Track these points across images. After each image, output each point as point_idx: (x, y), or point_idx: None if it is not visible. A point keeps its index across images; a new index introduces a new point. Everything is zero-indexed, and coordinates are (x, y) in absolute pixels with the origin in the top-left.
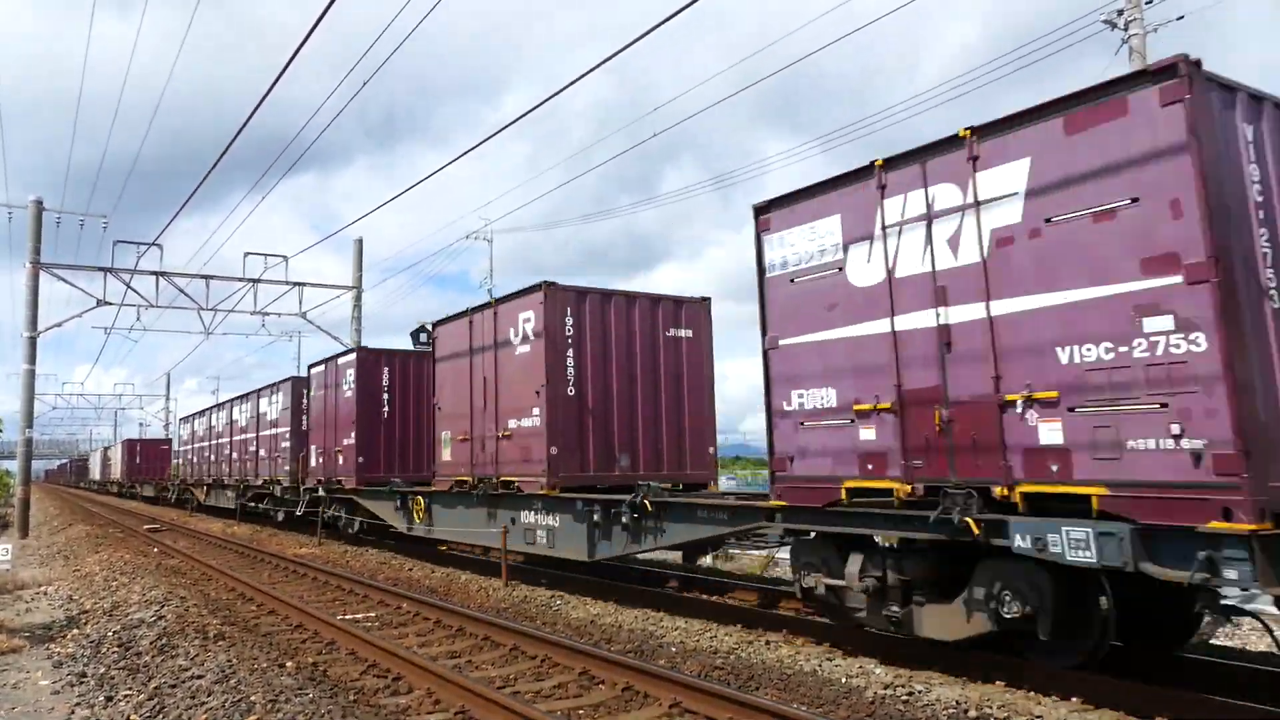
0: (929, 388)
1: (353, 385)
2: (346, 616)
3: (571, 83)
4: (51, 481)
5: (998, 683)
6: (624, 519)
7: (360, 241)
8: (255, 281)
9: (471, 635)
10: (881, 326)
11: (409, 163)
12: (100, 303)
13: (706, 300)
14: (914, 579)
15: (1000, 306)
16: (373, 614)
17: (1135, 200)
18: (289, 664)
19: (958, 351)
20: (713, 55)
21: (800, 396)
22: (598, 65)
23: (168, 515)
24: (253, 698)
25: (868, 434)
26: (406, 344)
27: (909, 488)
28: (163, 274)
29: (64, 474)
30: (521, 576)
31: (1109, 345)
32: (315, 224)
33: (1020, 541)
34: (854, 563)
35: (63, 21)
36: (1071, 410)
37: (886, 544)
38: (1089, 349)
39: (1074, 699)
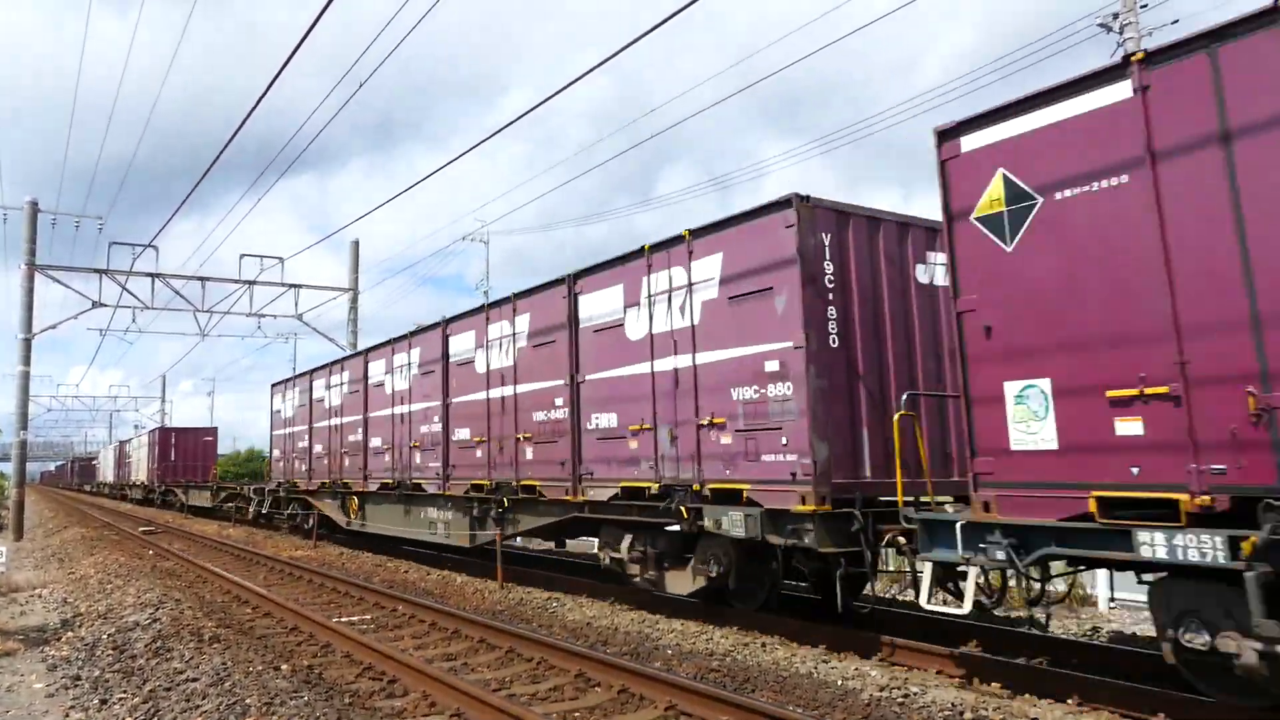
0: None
1: None
2: (342, 619)
3: (569, 84)
4: (49, 484)
5: (994, 684)
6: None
7: (357, 243)
8: (251, 283)
9: (468, 637)
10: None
11: (406, 164)
12: (96, 304)
13: None
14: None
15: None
16: (368, 616)
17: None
18: (284, 666)
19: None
20: (709, 57)
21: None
22: (595, 66)
23: (163, 518)
24: (248, 700)
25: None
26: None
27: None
28: (158, 275)
29: (64, 476)
30: (517, 579)
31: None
32: (312, 226)
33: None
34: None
35: (59, 21)
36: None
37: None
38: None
39: (1069, 700)
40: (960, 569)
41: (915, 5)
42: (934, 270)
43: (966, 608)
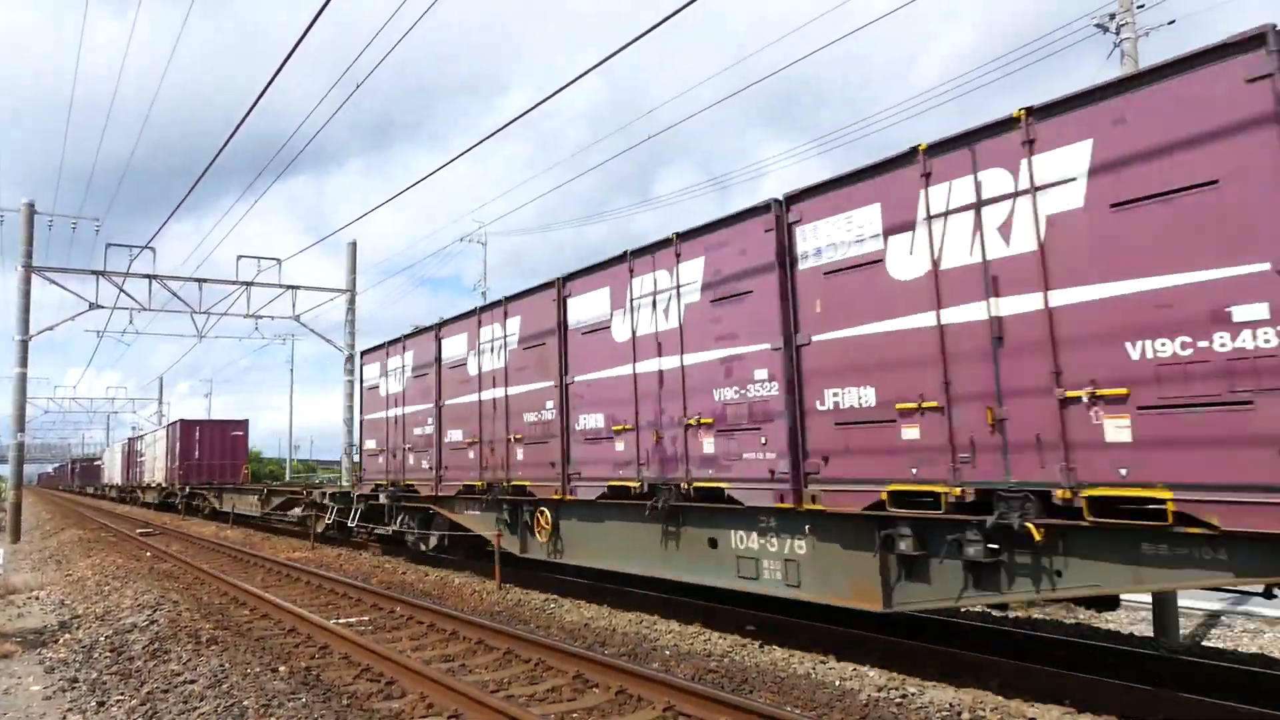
0: None
1: None
2: (340, 620)
3: (567, 84)
4: (47, 486)
5: (992, 685)
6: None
7: (354, 244)
8: (248, 285)
9: (466, 639)
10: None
11: (404, 166)
12: (93, 306)
13: None
14: None
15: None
16: (366, 618)
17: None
18: (282, 668)
19: None
20: (708, 58)
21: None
22: (594, 67)
23: (160, 519)
24: (245, 703)
25: None
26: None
27: None
28: (155, 277)
29: (64, 477)
30: (515, 581)
31: None
32: (310, 227)
33: None
34: None
35: (58, 22)
36: None
37: None
38: None
39: (1066, 701)
40: None
41: (915, 6)
42: None
43: None
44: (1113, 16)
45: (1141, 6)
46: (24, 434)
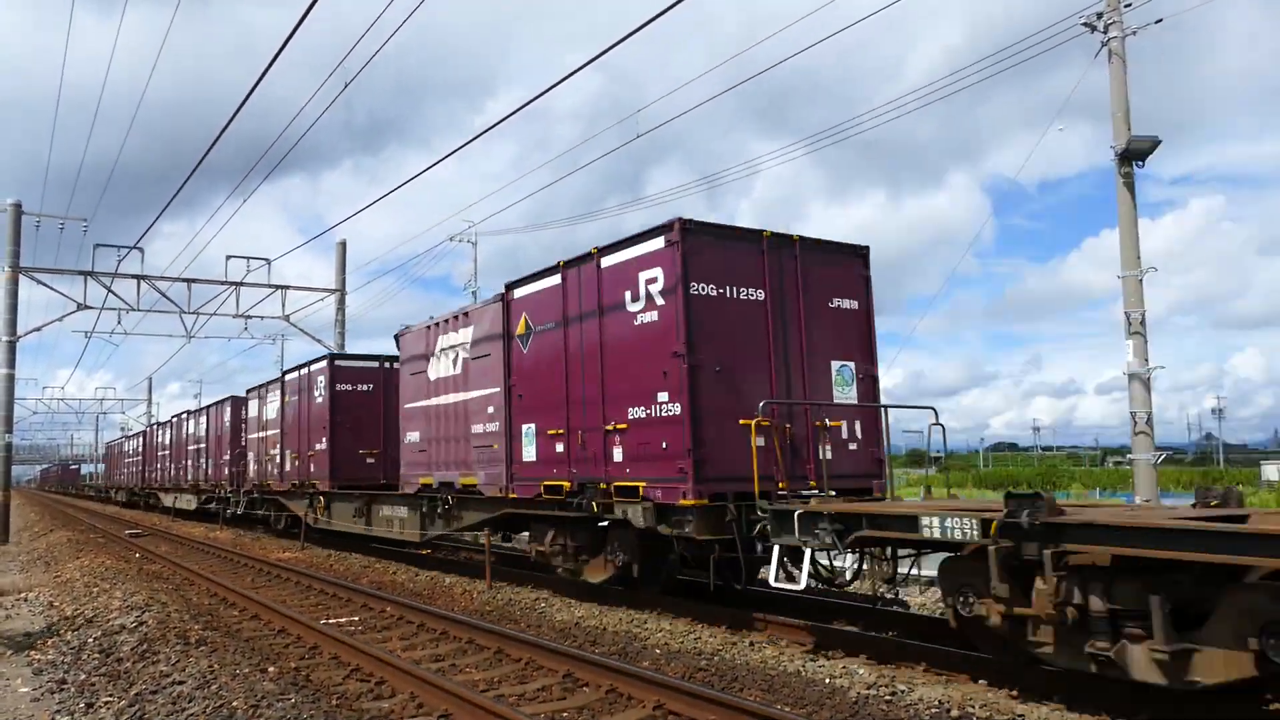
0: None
1: None
2: (329, 621)
3: (558, 82)
4: (49, 489)
5: (980, 682)
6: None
7: (344, 244)
8: (238, 285)
9: (456, 639)
10: None
11: (394, 166)
12: (81, 306)
13: None
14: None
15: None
16: (356, 618)
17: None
18: (271, 669)
19: None
20: (699, 57)
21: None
22: (584, 65)
23: (148, 520)
24: (234, 703)
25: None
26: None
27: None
28: (144, 277)
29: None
30: (505, 579)
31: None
32: (301, 227)
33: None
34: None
35: (41, 22)
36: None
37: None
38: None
39: (1055, 698)
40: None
41: (903, 5)
42: None
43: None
44: (1100, 15)
45: (1129, 5)
46: (11, 435)
